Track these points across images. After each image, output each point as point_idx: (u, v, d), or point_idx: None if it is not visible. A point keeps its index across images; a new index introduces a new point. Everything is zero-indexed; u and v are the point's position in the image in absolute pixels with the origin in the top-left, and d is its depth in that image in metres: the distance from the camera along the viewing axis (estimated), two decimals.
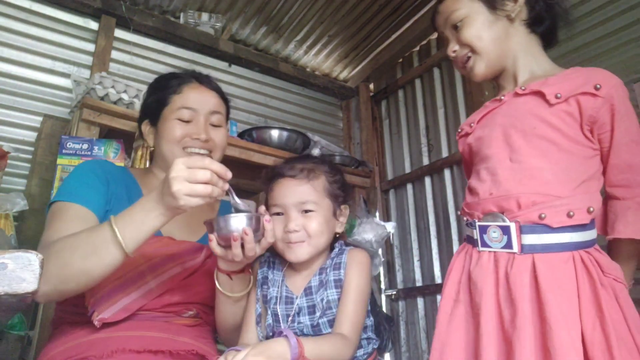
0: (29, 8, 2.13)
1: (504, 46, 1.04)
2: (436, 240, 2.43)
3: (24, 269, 0.53)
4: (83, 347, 1.00)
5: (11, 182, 1.95)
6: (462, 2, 1.05)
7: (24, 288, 0.53)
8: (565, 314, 0.83)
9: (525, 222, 0.91)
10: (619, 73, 1.72)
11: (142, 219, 0.91)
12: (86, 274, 0.91)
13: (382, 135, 2.91)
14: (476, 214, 1.00)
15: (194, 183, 0.87)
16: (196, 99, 1.22)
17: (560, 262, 0.88)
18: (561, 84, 0.95)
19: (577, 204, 0.89)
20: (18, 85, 2.06)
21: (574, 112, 0.93)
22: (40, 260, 0.54)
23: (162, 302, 1.08)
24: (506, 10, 1.03)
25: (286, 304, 1.07)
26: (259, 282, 1.13)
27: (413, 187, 2.64)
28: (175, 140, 1.18)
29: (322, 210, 1.10)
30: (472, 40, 1.03)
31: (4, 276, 0.52)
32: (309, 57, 2.88)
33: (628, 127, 0.93)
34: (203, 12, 2.51)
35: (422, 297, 2.44)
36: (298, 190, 1.09)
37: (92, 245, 0.91)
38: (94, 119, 1.72)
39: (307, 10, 2.52)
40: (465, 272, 1.01)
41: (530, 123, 0.96)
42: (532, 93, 0.98)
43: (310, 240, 1.08)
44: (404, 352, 2.46)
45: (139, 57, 2.37)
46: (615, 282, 0.87)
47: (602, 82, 0.93)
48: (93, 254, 0.90)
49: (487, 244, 0.96)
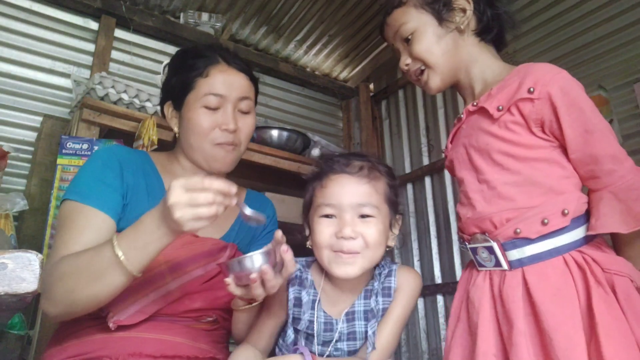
0: (29, 8, 2.13)
1: (456, 58, 1.03)
2: (436, 240, 2.43)
3: (24, 269, 0.53)
4: (97, 344, 0.96)
5: (11, 182, 1.95)
6: (411, 15, 1.03)
7: (24, 288, 0.53)
8: (565, 320, 0.81)
9: (505, 240, 0.90)
10: (619, 73, 1.74)
11: (146, 241, 0.87)
12: (94, 298, 0.89)
13: (382, 135, 2.91)
14: (465, 236, 1.00)
15: (196, 207, 0.82)
16: (224, 84, 1.12)
17: (552, 269, 0.87)
18: (501, 94, 0.94)
19: (550, 209, 0.88)
20: (18, 85, 2.05)
21: (519, 120, 0.92)
22: (40, 260, 0.54)
23: (182, 308, 1.04)
24: (455, 22, 1.02)
25: (325, 331, 0.95)
26: (291, 303, 0.99)
27: (413, 187, 2.64)
28: (203, 133, 1.11)
29: (382, 217, 0.96)
30: (423, 55, 1.02)
31: (4, 276, 0.52)
32: (309, 57, 2.88)
33: (576, 118, 0.88)
34: (203, 12, 2.51)
35: (422, 297, 2.44)
36: (358, 190, 0.94)
37: (98, 271, 0.87)
38: (94, 119, 1.72)
39: (307, 10, 2.52)
40: (465, 291, 1.00)
41: (483, 141, 0.96)
42: (479, 109, 0.97)
43: (366, 252, 0.93)
44: (404, 352, 2.46)
45: (139, 57, 2.37)
46: (617, 276, 0.84)
47: (535, 83, 0.90)
48: (98, 279, 0.87)
49: (482, 264, 0.96)
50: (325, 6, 2.48)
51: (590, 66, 1.85)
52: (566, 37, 1.94)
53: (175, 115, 1.17)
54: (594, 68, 1.84)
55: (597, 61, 1.83)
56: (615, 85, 1.76)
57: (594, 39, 1.84)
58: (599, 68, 1.82)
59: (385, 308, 0.97)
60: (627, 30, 1.75)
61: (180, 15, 2.49)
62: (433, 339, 2.33)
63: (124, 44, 2.34)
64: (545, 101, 0.89)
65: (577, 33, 1.90)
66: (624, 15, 1.76)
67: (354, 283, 0.97)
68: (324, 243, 0.93)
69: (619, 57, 1.76)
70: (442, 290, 2.30)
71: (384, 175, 1.00)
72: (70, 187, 1.05)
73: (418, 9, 1.03)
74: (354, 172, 0.96)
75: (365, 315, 0.96)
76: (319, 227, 0.95)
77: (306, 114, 2.93)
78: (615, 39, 1.78)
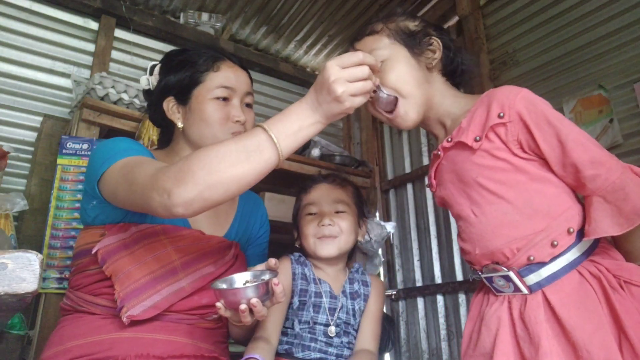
0: (29, 8, 2.13)
1: (428, 92, 1.02)
2: (436, 240, 2.43)
3: (24, 269, 0.53)
4: (104, 345, 0.96)
5: (11, 182, 1.95)
6: (383, 43, 1.02)
7: (24, 288, 0.52)
8: (596, 330, 0.81)
9: (520, 267, 0.91)
10: (619, 73, 1.74)
11: (299, 127, 0.87)
12: (238, 180, 0.85)
13: (382, 135, 2.91)
14: (477, 267, 1.00)
15: (354, 82, 0.85)
16: (234, 78, 1.18)
17: (569, 284, 0.87)
18: (472, 125, 0.95)
19: (556, 230, 0.89)
20: (18, 85, 2.06)
21: (499, 145, 0.93)
22: (40, 260, 0.54)
23: (190, 304, 1.05)
24: (427, 59, 1.03)
25: (331, 298, 1.19)
26: (297, 276, 1.20)
27: (413, 187, 2.64)
28: (217, 122, 1.13)
29: (352, 213, 1.26)
30: (397, 84, 0.98)
31: (4, 276, 0.52)
32: (309, 57, 2.88)
33: (547, 131, 0.89)
34: (203, 12, 2.51)
35: (422, 297, 2.44)
36: (333, 192, 1.27)
37: (245, 152, 0.85)
38: (94, 119, 1.72)
39: (307, 10, 2.52)
40: (479, 313, 1.00)
41: (469, 174, 0.96)
42: (456, 144, 0.98)
43: (342, 237, 1.22)
44: (404, 352, 2.46)
45: (139, 57, 2.37)
46: (629, 284, 0.85)
47: (502, 107, 0.92)
48: (246, 160, 0.84)
49: (500, 291, 0.96)
50: (325, 6, 2.48)
51: (591, 66, 1.85)
52: (566, 37, 1.94)
53: (178, 109, 1.17)
54: (594, 68, 1.84)
55: (597, 61, 1.83)
56: (616, 85, 1.76)
57: (594, 39, 1.84)
58: (599, 68, 1.82)
59: (365, 295, 1.25)
60: (627, 30, 1.75)
61: (180, 15, 2.49)
62: (433, 339, 2.33)
63: (124, 44, 2.34)
64: (517, 122, 0.91)
65: (577, 33, 1.90)
66: (624, 15, 1.76)
67: (335, 270, 1.26)
68: (310, 233, 1.22)
69: (619, 57, 1.76)
70: (442, 290, 2.30)
71: (352, 185, 1.34)
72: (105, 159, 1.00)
73: (391, 39, 1.02)
74: (330, 181, 1.30)
75: (352, 295, 1.23)
76: (306, 223, 1.24)
77: None
78: (615, 39, 1.78)
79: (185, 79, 1.16)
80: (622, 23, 1.76)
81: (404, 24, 1.05)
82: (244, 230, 1.27)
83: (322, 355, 1.14)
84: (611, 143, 1.74)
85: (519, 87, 0.94)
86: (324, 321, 1.16)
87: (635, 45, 1.72)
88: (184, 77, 1.16)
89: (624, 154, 1.71)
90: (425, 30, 1.05)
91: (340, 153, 2.54)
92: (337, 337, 1.15)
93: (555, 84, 1.95)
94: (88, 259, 1.05)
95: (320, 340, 1.14)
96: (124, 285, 0.98)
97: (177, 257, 1.04)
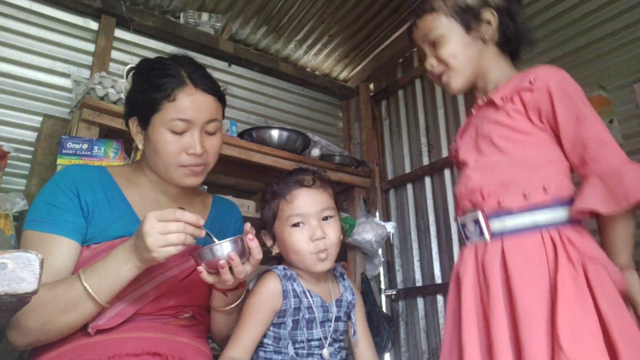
0: (29, 8, 2.13)
1: (477, 64, 1.12)
2: (436, 240, 2.43)
3: (24, 269, 0.53)
4: (77, 351, 0.97)
5: (11, 182, 1.95)
6: (441, 21, 1.12)
7: (24, 288, 0.52)
8: (530, 282, 0.90)
9: (489, 211, 1.01)
10: (620, 73, 1.74)
11: (117, 272, 0.95)
12: (68, 326, 0.96)
13: (382, 135, 2.91)
14: (459, 213, 1.11)
15: (167, 234, 0.91)
16: (191, 109, 1.09)
17: (529, 242, 0.95)
18: (506, 87, 1.06)
19: (532, 184, 0.97)
20: (18, 85, 2.05)
21: (519, 108, 1.02)
22: (40, 260, 0.54)
23: (158, 306, 1.07)
24: (481, 33, 1.11)
25: (323, 312, 1.14)
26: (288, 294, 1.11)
27: (413, 187, 2.64)
28: (169, 156, 1.10)
29: (336, 214, 1.18)
30: (448, 59, 1.10)
31: (4, 276, 0.52)
32: (309, 57, 2.88)
33: (569, 106, 0.97)
34: (203, 12, 2.51)
35: (422, 297, 2.44)
36: (317, 198, 1.14)
37: (71, 302, 0.94)
38: (94, 119, 1.72)
39: (307, 10, 2.51)
40: (456, 270, 1.10)
41: (487, 128, 1.07)
42: (488, 102, 1.09)
43: (333, 247, 1.14)
44: (404, 352, 2.46)
45: (139, 57, 2.36)
46: (591, 262, 0.90)
47: (536, 76, 1.01)
48: (73, 309, 0.95)
49: (468, 237, 1.07)
50: (325, 6, 2.48)
51: (591, 66, 1.85)
52: (566, 37, 1.94)
53: (140, 132, 1.15)
54: (594, 68, 1.84)
55: (598, 61, 1.83)
56: (616, 85, 1.76)
57: (594, 39, 1.84)
58: (599, 68, 1.82)
59: (354, 303, 1.22)
60: (627, 30, 1.75)
61: (180, 15, 2.49)
62: (433, 339, 2.34)
63: (124, 44, 2.34)
64: (543, 92, 0.99)
65: (577, 33, 1.90)
66: (624, 16, 1.76)
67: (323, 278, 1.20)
68: (305, 249, 1.11)
69: (619, 57, 1.77)
70: (442, 290, 2.30)
71: (328, 182, 1.21)
72: (28, 216, 1.08)
73: (448, 17, 1.11)
74: (310, 185, 1.16)
75: (348, 306, 1.20)
76: (294, 237, 1.12)
77: (306, 114, 2.93)
78: (615, 39, 1.78)
79: (144, 104, 1.11)
80: (622, 23, 1.76)
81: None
82: (216, 234, 1.27)
83: None
84: None
85: (560, 69, 1.03)
86: (319, 336, 1.13)
87: (635, 46, 1.73)
88: (143, 101, 1.12)
89: None
90: (482, 0, 1.11)
91: (340, 153, 2.55)
92: (331, 357, 1.14)
93: None
94: None
95: (316, 355, 1.13)
96: None
97: None
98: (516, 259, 0.93)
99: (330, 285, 1.22)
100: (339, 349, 1.19)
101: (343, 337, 1.21)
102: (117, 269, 0.95)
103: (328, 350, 1.13)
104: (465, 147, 1.13)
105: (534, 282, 0.90)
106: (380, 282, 2.65)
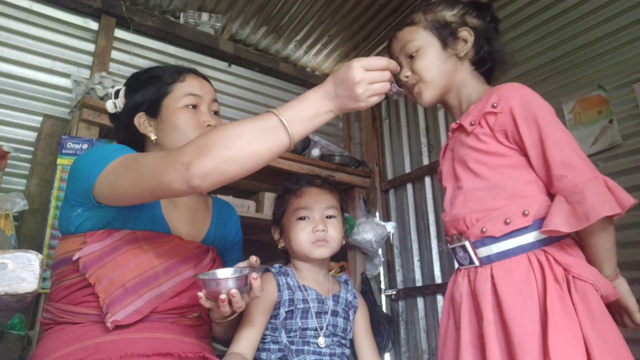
0: (29, 8, 2.13)
1: (450, 79, 1.14)
2: (436, 240, 2.43)
3: (24, 269, 0.53)
4: (90, 350, 0.97)
5: (11, 182, 1.95)
6: (419, 34, 1.14)
7: (24, 288, 0.53)
8: (522, 311, 0.90)
9: (475, 238, 1.02)
10: (619, 73, 1.74)
11: (315, 114, 0.93)
12: (254, 157, 0.90)
13: (382, 135, 2.91)
14: (448, 239, 1.12)
15: (374, 84, 0.92)
16: (200, 88, 1.23)
17: (516, 266, 0.96)
18: (474, 111, 1.07)
19: (512, 210, 0.98)
20: (18, 85, 2.06)
21: (487, 131, 1.04)
22: (40, 260, 0.54)
23: (170, 305, 1.08)
24: (457, 50, 1.13)
25: (318, 303, 1.21)
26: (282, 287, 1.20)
27: (413, 187, 2.64)
28: (190, 128, 1.17)
29: (340, 216, 1.29)
30: (422, 71, 1.12)
31: (4, 276, 0.52)
32: (309, 57, 2.88)
33: (532, 128, 0.98)
34: (203, 12, 2.51)
35: (422, 297, 2.44)
36: (323, 197, 1.27)
37: (261, 131, 0.90)
38: (94, 119, 1.72)
39: (307, 10, 2.52)
40: (451, 291, 1.11)
41: (462, 152, 1.08)
42: (459, 126, 1.11)
43: (332, 242, 1.24)
44: (404, 352, 2.47)
45: (139, 57, 2.37)
46: (579, 280, 0.91)
47: (498, 98, 1.02)
48: (262, 139, 0.89)
49: (461, 263, 1.07)
50: (325, 6, 2.48)
51: (590, 66, 1.85)
52: (566, 37, 1.94)
53: (150, 123, 1.21)
54: (594, 68, 1.84)
55: (597, 61, 1.83)
56: (615, 85, 1.76)
57: (594, 39, 1.84)
58: (599, 68, 1.82)
59: (356, 307, 1.29)
60: (627, 30, 1.75)
61: (180, 15, 2.49)
62: (433, 339, 2.34)
63: (124, 44, 2.34)
64: (507, 114, 1.01)
65: (577, 33, 1.90)
66: (623, 15, 1.76)
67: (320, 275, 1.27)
68: (304, 239, 1.22)
69: (619, 57, 1.77)
70: (442, 290, 2.30)
71: (336, 187, 1.35)
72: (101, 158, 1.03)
73: (426, 30, 1.14)
74: (319, 185, 1.31)
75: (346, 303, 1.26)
76: (298, 228, 1.24)
77: None
78: (615, 39, 1.78)
79: (153, 93, 1.21)
80: (622, 23, 1.77)
81: (441, 15, 1.14)
82: (220, 236, 1.31)
83: (316, 357, 1.16)
84: (610, 143, 1.74)
85: (522, 85, 1.04)
86: (314, 326, 1.18)
87: (634, 46, 1.73)
88: (152, 92, 1.21)
89: (623, 154, 1.71)
90: (461, 19, 1.14)
91: (340, 153, 2.55)
92: (327, 348, 1.17)
93: (555, 84, 1.95)
94: (68, 267, 1.06)
95: (312, 343, 1.17)
96: (108, 291, 1.01)
97: (158, 263, 1.07)
98: (506, 286, 0.94)
99: (330, 285, 1.27)
100: (339, 344, 1.21)
101: (344, 335, 1.23)
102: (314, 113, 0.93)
103: (325, 340, 1.17)
104: (446, 172, 1.15)
105: (525, 310, 0.91)
106: (380, 282, 2.66)
